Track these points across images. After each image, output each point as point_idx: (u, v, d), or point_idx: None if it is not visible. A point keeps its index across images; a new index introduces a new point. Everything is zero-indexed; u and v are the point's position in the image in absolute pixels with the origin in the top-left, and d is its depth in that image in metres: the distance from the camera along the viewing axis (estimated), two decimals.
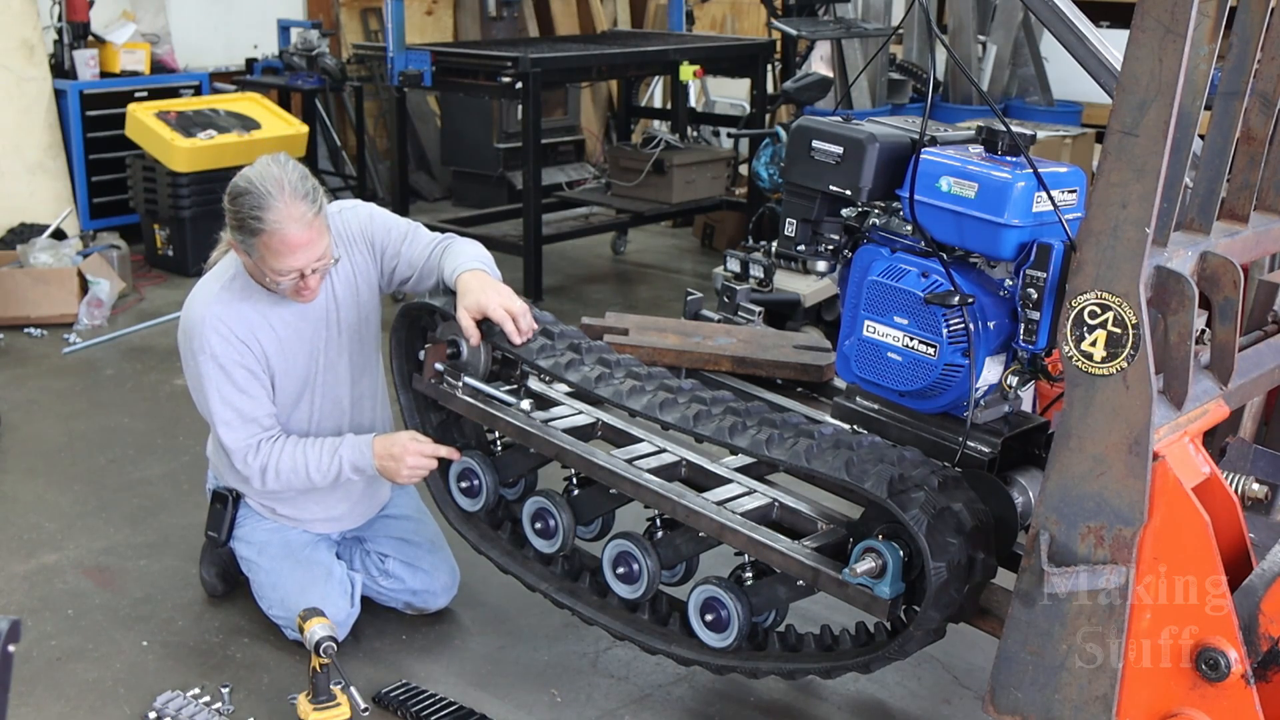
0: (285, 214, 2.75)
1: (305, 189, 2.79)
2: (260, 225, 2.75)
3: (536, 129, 5.98)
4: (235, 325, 2.91)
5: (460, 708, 2.85)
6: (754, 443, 2.50)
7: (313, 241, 2.80)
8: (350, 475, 3.00)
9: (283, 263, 2.80)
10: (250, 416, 2.95)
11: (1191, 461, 2.12)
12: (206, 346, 2.90)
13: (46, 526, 3.72)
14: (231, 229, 2.84)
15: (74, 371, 5.12)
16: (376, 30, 8.41)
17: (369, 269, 3.11)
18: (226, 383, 2.92)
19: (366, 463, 2.97)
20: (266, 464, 2.94)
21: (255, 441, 2.95)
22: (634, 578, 2.72)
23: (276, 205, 2.74)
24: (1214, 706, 2.01)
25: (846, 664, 2.54)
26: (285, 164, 2.82)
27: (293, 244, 2.77)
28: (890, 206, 2.57)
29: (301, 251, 2.79)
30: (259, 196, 2.75)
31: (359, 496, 3.22)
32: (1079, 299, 2.01)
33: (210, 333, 2.90)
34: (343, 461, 2.97)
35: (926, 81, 7.66)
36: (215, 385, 2.91)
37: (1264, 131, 2.41)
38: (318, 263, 2.85)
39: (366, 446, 2.97)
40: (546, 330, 2.84)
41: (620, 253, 7.29)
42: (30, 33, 6.34)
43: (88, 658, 3.06)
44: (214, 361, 2.90)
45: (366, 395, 3.18)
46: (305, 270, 2.83)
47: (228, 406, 2.93)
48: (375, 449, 2.96)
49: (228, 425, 2.94)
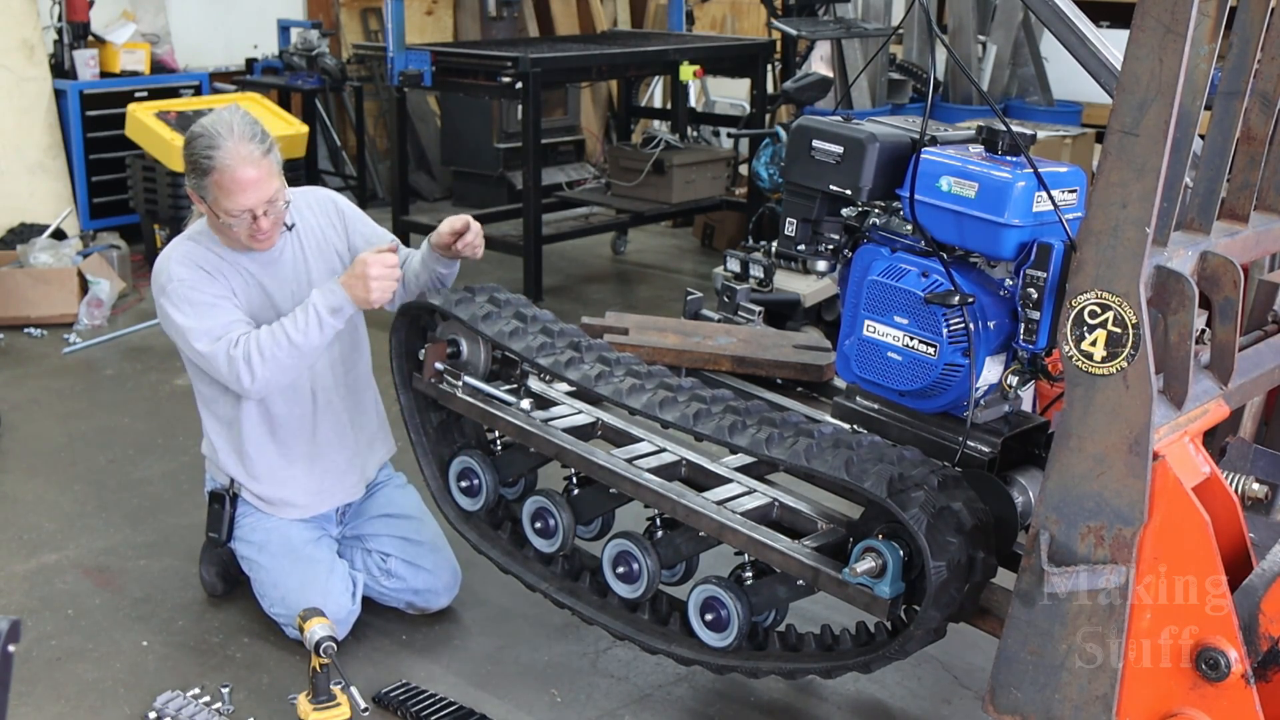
0: (234, 152, 2.86)
1: (253, 131, 2.91)
2: (210, 164, 2.86)
3: (536, 129, 5.98)
4: (201, 260, 2.99)
5: (460, 708, 2.85)
6: (754, 442, 2.50)
7: (261, 180, 2.89)
8: (330, 320, 2.91)
9: (233, 200, 2.88)
10: (224, 322, 2.94)
11: (1191, 461, 2.12)
12: (173, 277, 2.95)
13: (46, 526, 3.72)
14: (187, 175, 2.95)
15: (74, 371, 5.12)
16: (376, 30, 8.42)
17: (340, 239, 3.19)
18: (196, 296, 2.94)
19: (339, 298, 2.91)
20: (249, 350, 2.89)
21: (233, 336, 2.92)
22: (634, 577, 2.72)
23: (225, 144, 2.86)
24: (1214, 706, 2.01)
25: (847, 664, 2.54)
26: (235, 110, 2.96)
27: (242, 181, 2.86)
28: (890, 206, 2.57)
29: (252, 189, 2.88)
30: (210, 137, 2.88)
31: (345, 465, 3.22)
32: (1079, 299, 2.01)
33: (175, 266, 2.97)
34: (316, 308, 2.90)
35: (926, 81, 7.66)
36: (184, 304, 2.94)
37: (1264, 131, 2.41)
38: (268, 204, 2.92)
39: (333, 283, 2.94)
40: (546, 329, 2.84)
41: (620, 253, 7.30)
42: (30, 33, 6.34)
43: (88, 658, 3.06)
44: (181, 286, 2.94)
45: (342, 360, 3.19)
46: (256, 210, 2.90)
47: (200, 318, 2.92)
48: (342, 281, 2.93)
49: (203, 334, 2.92)
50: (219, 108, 2.99)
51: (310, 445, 3.16)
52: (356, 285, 2.91)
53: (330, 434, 3.18)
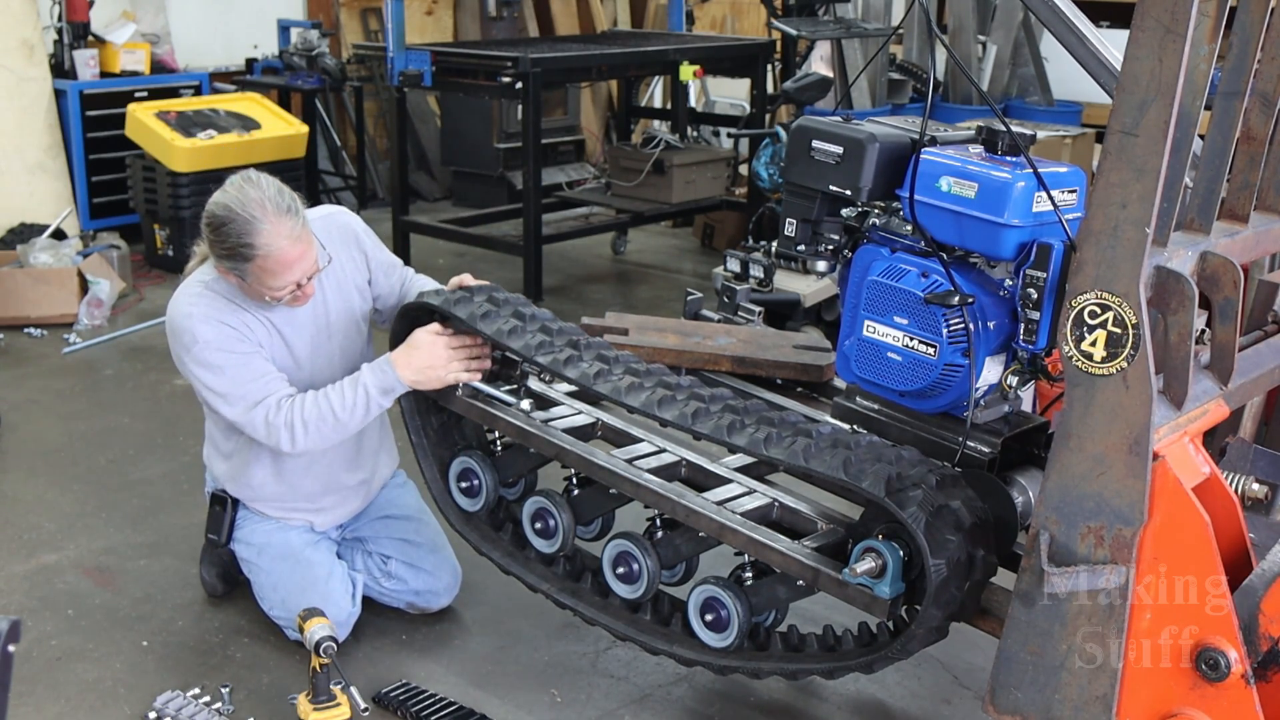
0: (275, 234, 2.75)
1: (286, 203, 2.80)
2: (253, 251, 2.75)
3: (536, 129, 5.97)
4: (224, 317, 2.90)
5: (460, 708, 2.85)
6: (752, 441, 2.50)
7: (305, 254, 2.83)
8: (380, 401, 2.87)
9: (280, 280, 2.81)
10: (260, 385, 2.87)
11: (1191, 461, 2.12)
12: (198, 338, 2.86)
13: (46, 526, 3.72)
14: (219, 258, 2.83)
15: (74, 371, 5.12)
16: (376, 30, 8.42)
17: (359, 273, 3.14)
18: (224, 359, 2.86)
19: (392, 380, 2.85)
20: (291, 419, 2.84)
21: (273, 401, 2.86)
22: (634, 578, 2.72)
23: (264, 228, 2.74)
24: (1214, 706, 2.01)
25: (849, 664, 2.54)
26: (259, 181, 2.82)
27: (288, 261, 2.79)
28: (890, 206, 2.57)
29: (297, 266, 2.82)
30: (244, 223, 2.75)
31: (351, 489, 3.22)
32: (1079, 299, 2.01)
33: (199, 326, 2.87)
34: (367, 389, 2.85)
35: (926, 81, 7.66)
36: (214, 368, 2.86)
37: (1264, 131, 2.41)
38: (312, 270, 2.87)
39: (386, 364, 2.86)
40: (545, 327, 2.84)
41: (620, 253, 7.29)
42: (30, 33, 6.33)
43: (88, 658, 3.06)
44: (208, 348, 2.86)
45: None
46: (301, 281, 2.86)
47: (234, 384, 2.86)
48: (396, 362, 2.85)
49: (239, 400, 2.86)
50: (235, 179, 2.83)
51: (318, 484, 3.15)
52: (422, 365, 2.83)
53: (337, 466, 3.16)
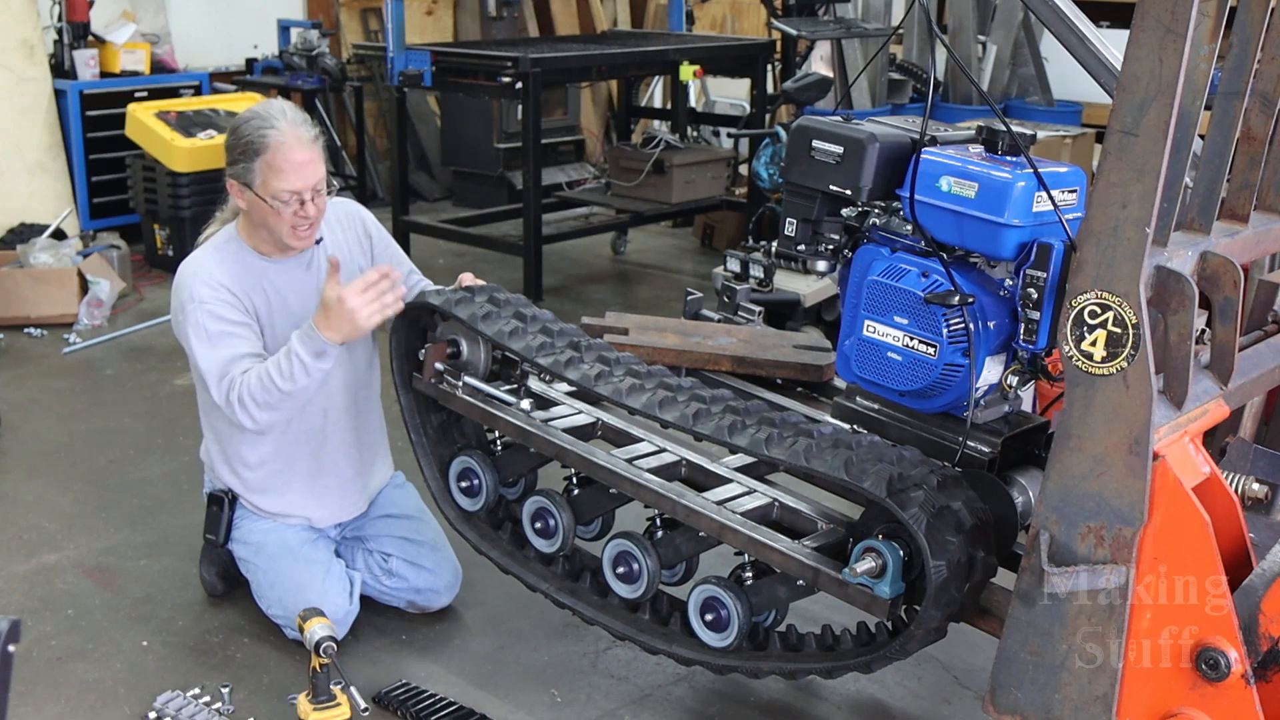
0: (289, 132, 2.90)
1: (303, 118, 2.97)
2: (265, 141, 2.88)
3: (536, 129, 5.98)
4: (225, 278, 2.97)
5: (460, 708, 2.85)
6: (753, 442, 2.50)
7: (313, 161, 2.92)
8: (316, 364, 2.84)
9: (284, 180, 2.89)
10: (231, 356, 2.91)
11: (1191, 461, 2.12)
12: (194, 296, 2.94)
13: (46, 526, 3.72)
14: (232, 163, 2.95)
15: (74, 371, 5.12)
16: (376, 30, 8.42)
17: (364, 257, 3.19)
18: (212, 324, 2.92)
19: (319, 343, 2.83)
20: (242, 395, 2.86)
21: (232, 377, 2.89)
22: (634, 577, 2.72)
23: (279, 124, 2.90)
24: (1214, 706, 2.01)
25: (848, 664, 2.54)
26: (281, 101, 3.05)
27: (295, 160, 2.89)
28: (890, 206, 2.57)
29: (305, 169, 2.91)
30: (263, 119, 2.92)
31: (348, 484, 3.22)
32: (1079, 299, 2.01)
33: (199, 284, 2.95)
34: (298, 354, 2.83)
35: (926, 81, 7.66)
36: (201, 331, 2.93)
37: (1264, 131, 2.41)
38: (316, 191, 2.93)
39: (310, 328, 2.84)
40: (546, 328, 2.84)
41: (620, 253, 7.29)
42: (30, 33, 6.33)
43: (88, 658, 3.06)
44: (200, 309, 2.92)
45: (356, 382, 3.18)
46: (305, 195, 2.91)
47: (212, 349, 2.91)
48: (318, 325, 2.84)
49: (212, 367, 2.91)
50: (262, 100, 3.02)
51: (314, 462, 3.16)
52: (341, 323, 2.82)
53: (337, 454, 3.18)
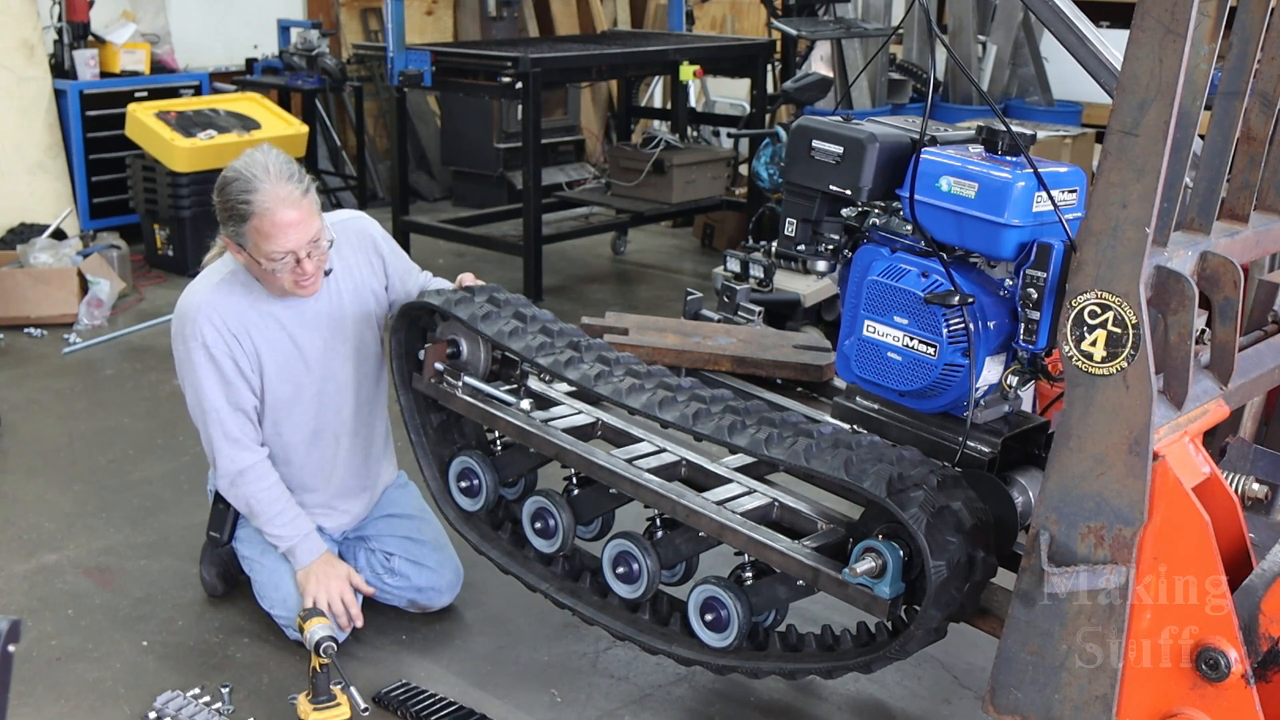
0: (272, 194, 2.77)
1: (290, 171, 2.83)
2: (249, 208, 2.78)
3: (536, 129, 5.98)
4: (229, 317, 2.92)
5: (460, 708, 2.85)
6: (753, 442, 2.50)
7: (303, 220, 2.81)
8: (277, 544, 3.06)
9: (274, 244, 2.79)
10: (236, 407, 2.97)
11: (1191, 461, 2.12)
12: (199, 334, 2.91)
13: (46, 526, 3.72)
14: (224, 224, 2.86)
15: (74, 371, 5.12)
16: (376, 30, 8.42)
17: (376, 278, 3.13)
18: (214, 373, 2.93)
19: (298, 560, 3.04)
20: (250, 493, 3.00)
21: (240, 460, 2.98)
22: (634, 577, 2.72)
23: (263, 187, 2.77)
24: (1214, 706, 2.01)
25: (848, 664, 2.54)
26: (268, 151, 2.87)
27: (282, 223, 2.78)
28: (890, 206, 2.57)
29: (293, 231, 2.79)
30: (245, 181, 2.79)
31: (355, 496, 3.23)
32: (1079, 299, 2.01)
33: (204, 322, 2.91)
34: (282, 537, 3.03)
35: (926, 81, 7.66)
36: (204, 375, 2.93)
37: (1264, 131, 2.41)
38: (311, 245, 2.84)
39: (315, 552, 3.05)
40: (546, 328, 2.84)
41: (620, 253, 7.29)
42: (30, 33, 6.33)
43: (88, 658, 3.06)
44: (204, 350, 2.91)
45: (367, 403, 3.18)
46: (299, 253, 2.83)
47: (215, 396, 2.94)
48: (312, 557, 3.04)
49: (214, 416, 2.95)
50: (248, 150, 2.88)
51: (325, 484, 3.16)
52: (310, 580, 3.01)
53: (346, 476, 3.18)
